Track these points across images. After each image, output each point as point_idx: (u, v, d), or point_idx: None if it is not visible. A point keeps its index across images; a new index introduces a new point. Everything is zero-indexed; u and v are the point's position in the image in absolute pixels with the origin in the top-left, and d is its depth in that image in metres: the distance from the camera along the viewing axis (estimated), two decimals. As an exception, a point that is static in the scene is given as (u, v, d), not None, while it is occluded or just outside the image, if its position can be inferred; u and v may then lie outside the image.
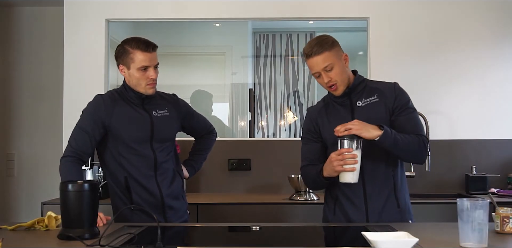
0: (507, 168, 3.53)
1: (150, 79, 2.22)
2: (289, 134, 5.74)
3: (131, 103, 2.28)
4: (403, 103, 2.13)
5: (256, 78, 5.74)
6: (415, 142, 2.06)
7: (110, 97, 2.29)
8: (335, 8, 3.65)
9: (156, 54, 2.25)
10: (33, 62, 4.13)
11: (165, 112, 2.34)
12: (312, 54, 2.09)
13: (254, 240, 1.92)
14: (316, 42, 2.12)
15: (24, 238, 1.78)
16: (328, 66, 2.08)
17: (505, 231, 1.78)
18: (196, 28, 5.11)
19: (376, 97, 2.14)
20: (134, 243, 1.65)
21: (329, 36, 2.18)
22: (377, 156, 2.10)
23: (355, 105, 2.16)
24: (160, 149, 2.29)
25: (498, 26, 3.61)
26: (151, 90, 2.26)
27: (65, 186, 1.73)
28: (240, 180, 3.60)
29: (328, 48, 2.09)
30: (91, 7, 3.64)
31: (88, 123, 2.23)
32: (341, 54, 2.14)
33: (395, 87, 2.16)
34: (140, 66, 2.20)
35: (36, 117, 4.11)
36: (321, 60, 2.08)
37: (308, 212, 3.03)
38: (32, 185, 4.07)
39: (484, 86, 3.59)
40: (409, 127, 2.10)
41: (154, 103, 2.33)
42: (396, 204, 2.13)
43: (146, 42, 2.23)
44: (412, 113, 2.14)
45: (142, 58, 2.19)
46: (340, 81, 2.12)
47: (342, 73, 2.12)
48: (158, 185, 2.27)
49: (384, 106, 2.12)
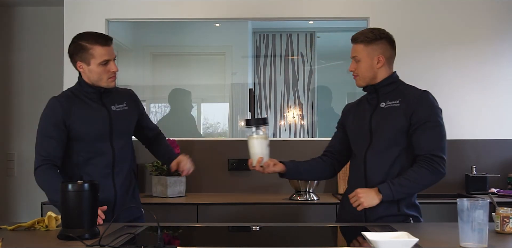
0: (507, 168, 3.53)
1: (111, 72, 2.21)
2: (289, 134, 5.74)
3: (88, 99, 2.24)
4: (424, 116, 2.04)
5: (256, 78, 5.74)
6: (425, 177, 2.01)
7: (65, 97, 2.24)
8: (335, 8, 3.65)
9: (112, 47, 2.22)
10: (33, 62, 4.13)
11: (124, 106, 2.31)
12: (352, 39, 2.18)
13: (254, 240, 1.92)
14: (364, 31, 2.17)
15: (24, 238, 1.78)
16: (356, 57, 2.15)
17: (505, 231, 1.78)
18: (196, 28, 5.11)
19: (398, 102, 2.11)
20: (134, 243, 1.65)
21: (382, 32, 2.17)
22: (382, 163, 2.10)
23: (379, 106, 2.15)
24: (119, 147, 2.27)
25: (499, 26, 3.61)
26: (113, 83, 2.24)
27: (65, 186, 1.73)
28: (240, 180, 3.60)
29: (364, 42, 2.13)
30: (91, 7, 3.64)
31: (50, 128, 2.18)
32: (376, 53, 2.13)
33: (421, 97, 2.08)
34: (101, 61, 2.17)
35: (36, 117, 4.04)
36: (354, 49, 2.17)
37: (308, 212, 3.03)
38: (32, 185, 4.02)
39: (485, 86, 3.59)
40: (424, 144, 2.04)
41: (112, 97, 2.30)
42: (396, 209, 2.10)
43: (103, 36, 2.21)
44: (432, 129, 2.04)
45: (102, 52, 2.17)
46: (361, 76, 2.16)
47: (366, 71, 2.14)
48: (113, 183, 2.25)
49: (403, 113, 2.07)
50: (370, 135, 2.13)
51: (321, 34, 5.82)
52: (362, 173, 2.14)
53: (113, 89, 2.30)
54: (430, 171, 2.01)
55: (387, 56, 2.16)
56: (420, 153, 2.05)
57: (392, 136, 2.08)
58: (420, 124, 2.04)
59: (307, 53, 5.82)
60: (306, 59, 5.82)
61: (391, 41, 2.19)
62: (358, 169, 2.16)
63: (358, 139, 2.19)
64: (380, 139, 2.10)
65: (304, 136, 5.68)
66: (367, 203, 2.00)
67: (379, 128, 2.11)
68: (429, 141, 2.04)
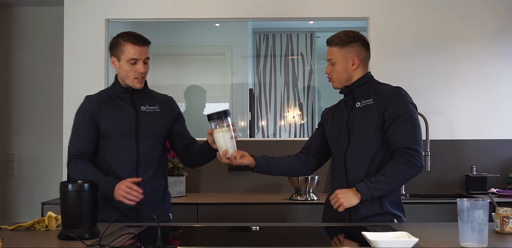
0: (507, 168, 3.53)
1: (138, 72, 2.23)
2: (289, 134, 5.74)
3: (119, 98, 2.30)
4: (396, 111, 2.05)
5: (256, 78, 5.74)
6: (402, 172, 2.01)
7: (97, 96, 2.33)
8: (335, 8, 3.65)
9: (146, 49, 2.25)
10: (33, 62, 4.13)
11: (156, 108, 2.33)
12: (327, 42, 2.19)
13: (254, 240, 1.92)
14: (339, 34, 2.18)
15: (24, 238, 1.78)
16: (331, 60, 2.17)
17: (505, 231, 1.78)
18: (196, 28, 5.11)
19: (372, 100, 2.13)
20: (134, 243, 1.65)
21: (356, 34, 2.18)
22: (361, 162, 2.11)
23: (355, 106, 2.18)
24: (146, 146, 2.27)
25: (499, 26, 3.61)
26: (139, 85, 2.27)
27: (65, 186, 1.73)
28: (240, 180, 3.60)
29: (339, 45, 2.14)
30: (91, 7, 3.64)
31: (80, 126, 2.28)
32: (351, 56, 2.14)
33: (392, 93, 2.09)
34: (129, 58, 2.22)
35: (36, 117, 4.11)
36: (329, 52, 2.18)
37: (308, 212, 3.03)
38: (32, 185, 4.07)
39: (484, 86, 3.59)
40: (398, 138, 2.05)
41: (145, 99, 2.33)
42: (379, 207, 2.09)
43: (138, 36, 2.26)
44: (404, 122, 2.04)
45: (132, 51, 2.22)
46: (335, 78, 2.19)
47: (341, 73, 2.17)
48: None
49: (376, 110, 2.09)
50: (348, 136, 2.15)
51: (321, 34, 5.82)
52: (343, 173, 2.15)
53: (148, 92, 2.35)
54: (406, 166, 2.01)
55: (362, 58, 2.18)
56: (395, 148, 2.06)
57: (367, 134, 2.09)
58: (393, 119, 2.05)
59: (307, 53, 5.82)
60: (306, 59, 5.83)
61: (365, 43, 2.20)
62: (339, 170, 2.18)
63: (337, 141, 2.20)
64: (357, 139, 2.12)
65: (304, 136, 5.69)
66: (347, 203, 2.02)
67: (355, 127, 2.13)
68: (402, 134, 2.04)
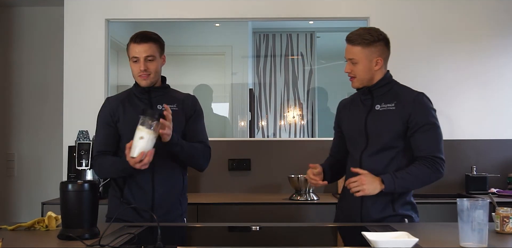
0: (507, 168, 3.53)
1: (139, 70, 2.22)
2: (289, 134, 5.74)
3: (137, 98, 2.30)
4: (420, 119, 2.06)
5: (256, 78, 5.74)
6: (426, 174, 2.04)
7: (117, 97, 2.35)
8: (335, 8, 3.65)
9: (148, 46, 2.23)
10: (33, 62, 4.13)
11: (173, 107, 2.28)
12: (347, 41, 2.11)
13: (254, 240, 1.92)
14: (361, 32, 2.11)
15: (24, 238, 1.78)
16: (353, 59, 2.11)
17: (505, 231, 1.78)
18: (196, 28, 5.11)
19: (394, 105, 2.11)
20: (134, 243, 1.65)
21: (379, 33, 2.13)
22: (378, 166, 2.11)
23: (374, 108, 2.15)
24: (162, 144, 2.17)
25: (499, 26, 3.61)
26: (144, 82, 2.25)
27: (65, 186, 1.73)
28: (240, 180, 3.60)
29: (362, 44, 2.08)
30: (91, 7, 3.64)
31: (101, 126, 2.31)
32: (375, 56, 2.11)
33: (415, 100, 2.08)
34: (131, 57, 2.25)
35: (36, 117, 4.11)
36: (350, 51, 2.11)
37: (308, 212, 3.03)
38: (32, 185, 4.07)
39: (484, 86, 3.59)
40: (424, 146, 2.06)
41: (164, 98, 2.30)
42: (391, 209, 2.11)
43: (139, 34, 2.25)
44: (429, 131, 2.06)
45: (132, 49, 2.23)
46: (358, 78, 2.13)
47: (364, 73, 2.12)
48: (152, 182, 2.21)
49: (399, 116, 2.08)
50: (366, 138, 2.14)
51: (321, 34, 5.82)
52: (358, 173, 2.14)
53: (168, 91, 2.33)
54: (430, 170, 2.05)
55: (384, 57, 2.15)
56: (419, 155, 2.08)
57: (388, 140, 2.09)
58: (418, 127, 2.06)
59: (307, 53, 5.82)
60: (306, 59, 5.83)
61: (388, 42, 2.17)
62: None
63: (354, 141, 2.20)
64: (377, 142, 2.11)
65: (304, 136, 5.69)
66: (369, 190, 2.01)
67: (376, 131, 2.11)
68: (428, 143, 2.07)
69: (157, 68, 2.25)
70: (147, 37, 2.25)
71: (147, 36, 2.25)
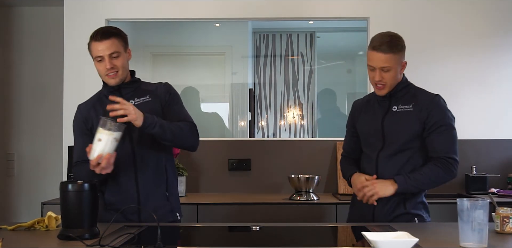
0: (507, 168, 3.53)
1: (106, 69, 2.11)
2: (289, 134, 5.74)
3: (107, 98, 2.12)
4: (437, 120, 2.10)
5: (256, 78, 5.74)
6: (439, 174, 2.08)
7: (87, 103, 2.25)
8: (335, 8, 3.65)
9: (110, 42, 2.09)
10: (33, 62, 4.13)
11: (146, 98, 2.19)
12: (378, 49, 2.09)
13: (254, 240, 1.92)
14: (389, 40, 2.11)
15: (24, 238, 1.78)
16: (386, 67, 2.10)
17: (505, 231, 1.78)
18: (196, 28, 5.11)
19: (411, 106, 2.14)
20: (134, 243, 1.65)
21: (401, 38, 2.16)
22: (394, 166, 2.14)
23: (391, 109, 2.17)
24: (142, 142, 2.15)
25: (499, 26, 3.61)
26: (112, 81, 2.14)
27: (65, 186, 1.73)
28: (240, 180, 3.60)
29: (395, 51, 2.10)
30: (91, 7, 3.64)
31: (78, 135, 2.22)
32: (402, 60, 2.14)
33: (433, 101, 2.13)
34: (95, 57, 2.12)
35: (36, 117, 4.11)
36: (384, 59, 2.09)
37: (308, 212, 3.03)
38: (32, 185, 4.07)
39: (485, 86, 3.59)
40: (439, 147, 2.10)
41: (134, 92, 2.20)
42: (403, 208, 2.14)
43: (99, 31, 2.12)
44: (445, 132, 2.10)
45: (95, 48, 2.11)
46: (389, 84, 2.14)
47: (395, 78, 2.14)
48: (136, 182, 2.14)
49: (417, 117, 2.12)
50: (383, 139, 2.16)
51: (321, 34, 5.82)
52: (374, 173, 2.17)
53: (138, 85, 2.22)
54: (443, 170, 2.08)
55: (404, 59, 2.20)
56: (434, 155, 2.11)
57: (406, 141, 2.13)
58: (435, 128, 2.10)
59: (307, 53, 5.82)
60: (306, 59, 5.83)
61: None
62: (370, 169, 2.19)
63: (370, 141, 2.22)
64: (394, 143, 2.14)
65: (304, 136, 5.69)
66: (382, 192, 2.05)
67: (393, 132, 2.14)
68: (443, 144, 2.11)
69: (124, 64, 2.14)
70: (107, 32, 2.11)
71: (108, 32, 2.11)
